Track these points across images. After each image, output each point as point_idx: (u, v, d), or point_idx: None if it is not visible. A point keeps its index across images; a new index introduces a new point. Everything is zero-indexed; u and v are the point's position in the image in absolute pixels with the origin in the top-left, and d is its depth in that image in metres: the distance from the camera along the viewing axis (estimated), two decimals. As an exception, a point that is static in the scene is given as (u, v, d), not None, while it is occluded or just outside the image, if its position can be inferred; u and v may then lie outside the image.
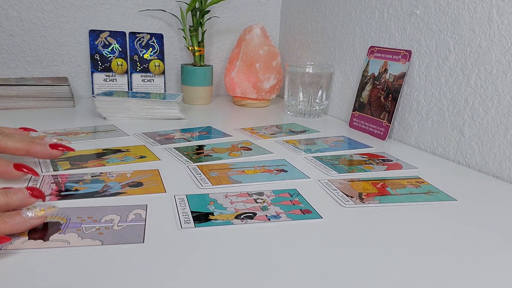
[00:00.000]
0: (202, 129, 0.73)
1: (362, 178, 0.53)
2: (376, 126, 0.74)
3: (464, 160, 0.62)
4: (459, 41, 0.62)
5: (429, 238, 0.39)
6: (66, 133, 0.66)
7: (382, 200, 0.46)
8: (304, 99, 0.87)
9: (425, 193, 0.49)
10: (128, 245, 0.34)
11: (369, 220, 0.42)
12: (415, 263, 0.34)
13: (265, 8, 1.09)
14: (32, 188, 0.37)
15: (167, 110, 0.79)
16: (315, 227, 0.39)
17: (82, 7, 0.92)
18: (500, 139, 0.56)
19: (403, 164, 0.59)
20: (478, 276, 0.33)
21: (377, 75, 0.75)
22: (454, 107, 0.63)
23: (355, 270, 0.33)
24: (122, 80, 0.93)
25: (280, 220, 0.40)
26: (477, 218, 0.43)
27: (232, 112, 0.92)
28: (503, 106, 0.56)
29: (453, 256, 0.36)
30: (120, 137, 0.66)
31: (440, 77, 0.65)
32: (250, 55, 0.92)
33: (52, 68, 0.93)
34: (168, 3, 0.98)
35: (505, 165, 0.56)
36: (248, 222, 0.40)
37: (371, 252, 0.36)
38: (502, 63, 0.56)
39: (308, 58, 0.99)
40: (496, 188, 0.53)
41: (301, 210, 0.43)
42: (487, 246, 0.38)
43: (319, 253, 0.35)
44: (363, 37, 0.81)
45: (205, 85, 0.96)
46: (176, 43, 1.03)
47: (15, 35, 0.89)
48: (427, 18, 0.67)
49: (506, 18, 0.55)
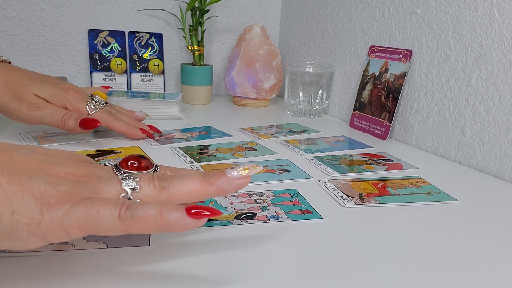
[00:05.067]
0: (202, 129, 0.73)
1: (362, 178, 0.53)
2: (376, 126, 0.74)
3: (465, 160, 0.61)
4: (460, 41, 0.61)
5: (430, 239, 0.38)
6: (66, 133, 0.66)
7: (383, 200, 0.46)
8: (304, 98, 0.87)
9: (426, 193, 0.49)
10: (134, 248, 0.34)
11: (369, 220, 0.41)
12: (415, 264, 0.34)
13: (265, 8, 1.09)
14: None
15: (166, 110, 0.78)
16: (315, 228, 0.39)
17: (81, 6, 0.92)
18: (501, 139, 0.56)
19: (404, 164, 0.59)
20: (478, 276, 0.33)
21: (378, 74, 0.75)
22: (455, 107, 0.63)
23: (355, 270, 0.33)
24: (122, 79, 0.93)
25: (280, 220, 0.40)
26: (478, 218, 0.43)
27: (232, 112, 0.91)
28: (504, 106, 0.56)
29: (454, 256, 0.35)
30: (119, 137, 0.65)
31: (441, 77, 0.65)
32: (250, 55, 0.92)
33: (51, 68, 0.93)
34: (167, 3, 0.98)
35: (506, 165, 0.56)
36: (248, 222, 0.39)
37: (372, 253, 0.35)
38: (503, 62, 0.56)
39: (308, 57, 0.98)
40: (497, 188, 0.52)
41: (301, 211, 0.42)
42: (488, 246, 0.37)
43: (319, 254, 0.35)
44: (364, 37, 0.80)
45: (205, 84, 0.96)
46: (176, 42, 1.02)
47: (14, 35, 0.88)
48: (428, 18, 0.66)
49: (507, 17, 0.55)
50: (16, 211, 0.24)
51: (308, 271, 0.32)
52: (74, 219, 0.25)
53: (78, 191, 0.26)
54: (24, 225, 0.24)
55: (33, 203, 0.25)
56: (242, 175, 0.30)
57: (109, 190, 0.27)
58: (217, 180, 0.30)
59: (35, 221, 0.25)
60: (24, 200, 0.24)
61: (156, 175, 0.29)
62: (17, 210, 0.24)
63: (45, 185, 0.25)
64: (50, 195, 0.25)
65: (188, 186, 0.29)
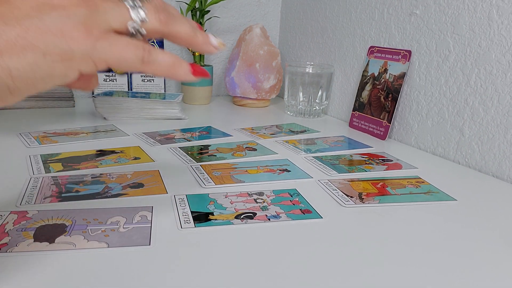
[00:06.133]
0: (202, 129, 0.73)
1: (362, 178, 0.53)
2: (376, 126, 0.74)
3: (464, 160, 0.62)
4: (459, 41, 0.62)
5: (429, 238, 0.39)
6: (66, 133, 0.66)
7: (382, 200, 0.46)
8: (304, 99, 0.87)
9: (425, 193, 0.49)
10: (135, 248, 0.34)
11: (369, 220, 0.42)
12: (414, 263, 0.34)
13: (265, 8, 1.09)
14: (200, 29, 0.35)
15: (167, 110, 0.79)
16: (315, 227, 0.40)
17: (82, 7, 0.92)
18: (500, 139, 0.57)
19: (403, 164, 0.59)
20: (477, 276, 0.33)
21: (377, 75, 0.76)
22: (454, 107, 0.63)
23: (354, 270, 0.33)
24: (122, 80, 0.93)
25: (280, 220, 0.40)
26: (477, 218, 0.43)
27: (232, 112, 0.92)
28: (503, 106, 0.56)
29: (453, 256, 0.36)
30: (120, 137, 0.66)
31: (440, 77, 0.65)
32: (250, 55, 0.92)
33: (52, 68, 0.93)
34: (168, 3, 0.98)
35: (505, 165, 0.56)
36: (248, 222, 0.40)
37: (371, 252, 0.36)
38: (502, 63, 0.56)
39: (308, 58, 0.99)
40: (496, 188, 0.53)
41: (301, 210, 0.43)
42: (486, 246, 0.38)
43: (319, 253, 0.35)
44: (363, 37, 0.81)
45: (205, 85, 0.96)
46: (176, 43, 1.03)
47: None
48: (427, 18, 0.67)
49: (506, 18, 0.55)
50: (47, 53, 0.25)
51: (307, 270, 0.32)
52: (103, 54, 0.27)
53: (92, 20, 0.27)
54: (59, 63, 0.26)
55: (58, 41, 0.26)
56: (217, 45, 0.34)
57: (118, 18, 0.29)
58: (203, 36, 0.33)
59: (67, 56, 0.26)
60: (48, 41, 0.25)
61: (161, 7, 0.31)
62: (47, 52, 0.25)
63: (59, 21, 0.26)
64: (69, 29, 0.26)
65: (185, 29, 0.32)
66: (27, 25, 0.25)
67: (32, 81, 0.26)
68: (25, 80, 0.25)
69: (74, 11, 0.27)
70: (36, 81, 0.26)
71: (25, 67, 0.25)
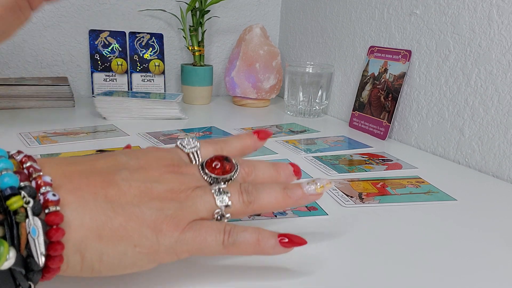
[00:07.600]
0: (206, 129, 0.74)
1: (362, 178, 0.53)
2: (376, 126, 0.74)
3: (464, 160, 0.62)
4: (459, 41, 0.62)
5: (429, 238, 0.39)
6: (66, 133, 0.66)
7: (382, 200, 0.46)
8: (304, 99, 0.87)
9: (425, 193, 0.49)
10: None
11: (369, 220, 0.42)
12: (414, 263, 0.34)
13: (265, 8, 1.09)
14: (293, 164, 0.35)
15: (167, 110, 0.79)
16: (321, 224, 0.40)
17: (82, 7, 0.92)
18: (500, 139, 0.57)
19: (403, 164, 0.59)
20: (477, 276, 0.33)
21: (377, 75, 0.76)
22: (454, 107, 0.63)
23: (354, 270, 0.33)
24: (122, 80, 0.93)
25: (286, 216, 0.41)
26: (477, 218, 0.43)
27: (232, 112, 0.92)
28: (503, 106, 0.56)
29: (453, 256, 0.36)
30: (120, 137, 0.66)
31: (440, 77, 0.65)
32: (250, 55, 0.92)
33: (52, 68, 0.93)
34: (168, 3, 0.98)
35: (505, 165, 0.56)
36: (255, 218, 0.40)
37: (371, 252, 0.36)
38: (502, 63, 0.56)
39: (308, 58, 0.99)
40: (496, 188, 0.53)
41: (306, 207, 0.43)
42: (487, 246, 0.38)
43: (319, 253, 0.35)
44: (363, 37, 0.81)
45: (205, 85, 0.96)
46: (176, 43, 1.03)
47: (15, 35, 0.89)
48: (427, 18, 0.67)
49: (506, 18, 0.55)
50: (138, 245, 0.26)
51: (308, 270, 0.32)
52: (185, 245, 0.27)
53: (182, 212, 0.28)
54: (145, 255, 0.26)
55: (149, 234, 0.26)
56: (317, 192, 0.32)
57: (205, 207, 0.29)
58: (295, 195, 0.31)
59: (153, 249, 0.27)
60: (142, 233, 0.26)
61: (244, 189, 0.30)
62: (138, 244, 0.26)
63: (154, 213, 0.27)
64: (160, 222, 0.27)
65: (271, 200, 0.31)
66: (129, 214, 0.26)
67: (115, 267, 0.26)
68: (110, 266, 0.26)
69: (168, 204, 0.27)
70: (118, 268, 0.26)
71: (115, 255, 0.26)
